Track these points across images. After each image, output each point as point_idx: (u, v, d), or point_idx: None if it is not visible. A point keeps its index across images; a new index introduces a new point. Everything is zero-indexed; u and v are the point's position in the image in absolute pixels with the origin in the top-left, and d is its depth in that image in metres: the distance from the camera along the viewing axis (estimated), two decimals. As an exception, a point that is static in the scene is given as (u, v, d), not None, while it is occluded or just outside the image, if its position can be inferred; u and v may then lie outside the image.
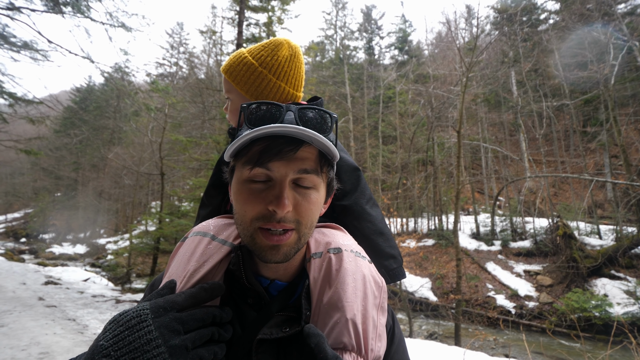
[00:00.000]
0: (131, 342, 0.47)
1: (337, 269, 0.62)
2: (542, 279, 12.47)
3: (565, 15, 18.94)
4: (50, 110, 9.93)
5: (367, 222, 1.01)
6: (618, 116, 13.86)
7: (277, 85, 1.07)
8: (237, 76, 1.07)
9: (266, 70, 1.05)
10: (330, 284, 0.61)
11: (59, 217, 35.09)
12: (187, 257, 0.64)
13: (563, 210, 15.39)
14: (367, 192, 1.06)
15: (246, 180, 0.60)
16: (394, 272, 1.00)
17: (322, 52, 32.05)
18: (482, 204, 21.25)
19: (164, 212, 13.05)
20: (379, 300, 0.63)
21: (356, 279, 0.62)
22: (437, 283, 13.93)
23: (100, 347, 0.47)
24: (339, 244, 0.67)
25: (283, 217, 0.57)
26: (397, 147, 22.63)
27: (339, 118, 4.19)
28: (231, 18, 14.04)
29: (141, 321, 0.48)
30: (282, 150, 0.58)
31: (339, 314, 0.57)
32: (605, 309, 9.57)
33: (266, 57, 1.06)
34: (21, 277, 10.56)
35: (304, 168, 0.59)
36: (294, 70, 1.09)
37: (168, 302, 0.52)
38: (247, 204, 0.59)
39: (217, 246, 0.65)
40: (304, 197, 0.60)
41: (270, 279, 0.65)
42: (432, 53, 31.27)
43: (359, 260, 0.66)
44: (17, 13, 7.25)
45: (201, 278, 0.59)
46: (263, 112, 0.61)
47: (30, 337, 5.28)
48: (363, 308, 0.59)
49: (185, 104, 16.45)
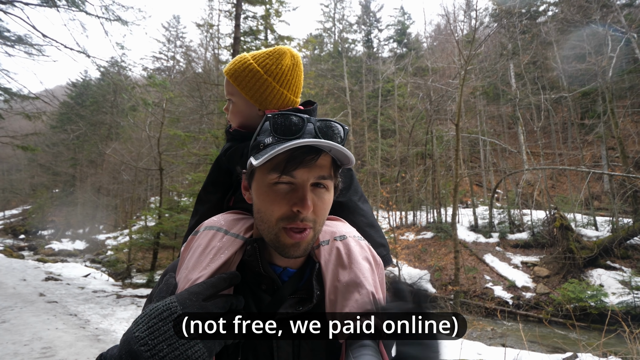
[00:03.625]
0: (165, 331, 0.52)
1: (346, 252, 0.72)
2: (539, 270, 12.60)
3: (564, 7, 18.82)
4: (46, 105, 9.85)
5: (361, 216, 1.10)
6: (615, 108, 13.87)
7: (280, 93, 1.13)
8: (243, 81, 1.12)
9: (271, 78, 1.11)
10: (343, 265, 0.70)
11: (58, 214, 35.00)
12: (202, 249, 0.70)
13: (560, 202, 15.49)
14: (359, 189, 1.16)
15: (272, 184, 0.67)
16: (384, 259, 1.08)
17: (320, 45, 31.78)
18: (480, 197, 21.33)
19: (163, 208, 13.06)
20: (380, 277, 0.74)
21: (364, 258, 0.73)
22: (436, 275, 14.06)
23: (136, 337, 0.52)
24: (343, 232, 0.78)
25: (305, 217, 0.65)
26: (396, 141, 22.63)
27: (337, 112, 4.19)
28: (228, 11, 13.89)
29: (172, 313, 0.54)
30: (305, 159, 0.65)
31: (359, 287, 0.67)
32: (601, 298, 9.69)
33: (271, 65, 1.12)
34: (21, 274, 10.58)
35: (322, 175, 0.67)
36: (295, 78, 1.17)
37: (192, 293, 0.58)
38: (274, 204, 0.66)
39: (230, 239, 0.72)
40: (319, 198, 0.68)
41: (283, 267, 0.72)
42: (431, 46, 31.10)
43: (362, 242, 0.78)
44: (10, 7, 7.16)
45: (218, 268, 0.66)
46: (289, 122, 0.67)
47: (32, 333, 5.32)
48: (374, 282, 0.70)
49: (182, 99, 16.36)
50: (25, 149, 9.38)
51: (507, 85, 20.94)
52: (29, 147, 9.50)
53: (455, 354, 4.40)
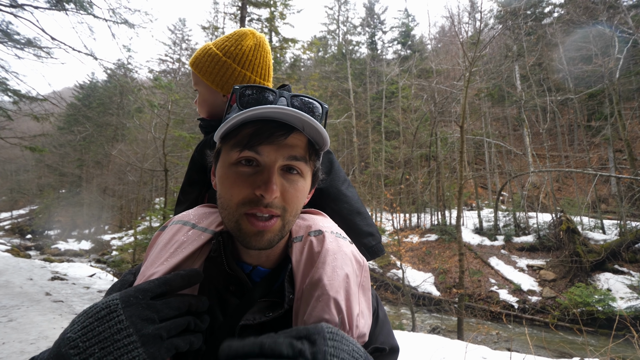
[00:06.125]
0: (100, 332, 0.44)
1: (318, 250, 0.62)
2: (545, 273, 12.47)
3: (569, 9, 18.70)
4: (54, 107, 9.98)
5: (344, 202, 1.01)
6: (623, 110, 13.73)
7: (243, 74, 1.07)
8: (203, 67, 1.08)
9: (230, 60, 1.06)
10: (312, 265, 0.60)
11: (64, 214, 35.34)
12: (164, 244, 0.62)
13: (566, 205, 15.33)
14: (342, 174, 1.06)
15: (233, 163, 0.59)
16: (373, 249, 1.02)
17: (324, 47, 31.86)
18: (485, 199, 21.19)
19: (168, 208, 13.13)
20: (360, 279, 0.63)
21: (337, 258, 0.61)
22: (440, 278, 13.97)
23: (67, 339, 0.45)
24: (320, 226, 0.67)
25: (270, 203, 0.56)
26: (400, 143, 22.56)
27: (341, 113, 4.15)
28: (233, 14, 13.97)
29: (111, 312, 0.46)
30: (273, 134, 0.57)
31: (319, 292, 0.56)
32: (609, 303, 9.56)
33: (230, 47, 1.07)
34: (28, 273, 10.68)
35: (293, 155, 0.59)
36: (259, 59, 1.10)
37: (139, 290, 0.49)
38: (233, 187, 0.58)
39: (196, 233, 0.63)
40: (291, 184, 0.59)
41: (253, 265, 0.63)
42: (435, 47, 31.04)
43: (340, 240, 0.66)
44: (20, 10, 7.27)
45: (177, 265, 0.57)
46: (256, 95, 0.60)
47: (38, 331, 5.37)
48: (346, 285, 0.58)
49: (188, 100, 16.47)
50: (33, 149, 9.50)
51: (512, 87, 20.82)
52: (36, 148, 9.62)
53: (460, 357, 4.37)
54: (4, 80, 8.82)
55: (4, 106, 9.34)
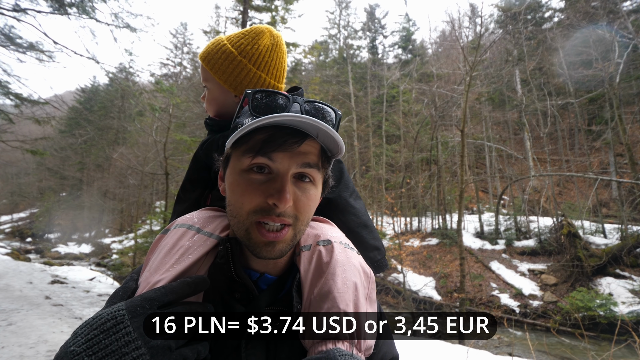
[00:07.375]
0: (107, 345, 0.42)
1: (327, 260, 0.61)
2: (547, 278, 12.41)
3: (569, 13, 18.79)
4: (55, 110, 10.02)
5: (352, 215, 0.98)
6: (623, 114, 13.76)
7: (257, 76, 1.02)
8: (215, 64, 1.01)
9: (246, 60, 1.00)
10: (321, 275, 0.60)
11: (64, 217, 35.37)
12: (168, 249, 0.60)
13: (568, 209, 15.29)
14: (350, 185, 1.03)
15: (245, 170, 0.57)
16: (378, 264, 1.00)
17: (325, 51, 32.00)
18: (486, 203, 21.16)
19: (168, 212, 13.12)
20: (367, 291, 0.63)
21: (346, 269, 0.61)
22: (441, 282, 13.91)
23: (70, 353, 0.42)
24: (328, 236, 0.66)
25: (283, 212, 0.55)
26: (400, 147, 22.57)
27: (342, 117, 4.23)
28: (235, 18, 14.06)
29: (117, 323, 0.44)
30: (287, 141, 0.55)
31: (329, 304, 0.56)
32: (610, 308, 9.50)
33: (246, 45, 1.00)
34: (28, 277, 10.65)
35: (307, 162, 0.57)
36: (275, 60, 1.04)
37: (145, 299, 0.48)
38: (244, 195, 0.56)
39: (202, 239, 0.61)
40: (303, 192, 0.58)
41: (260, 272, 0.62)
42: (436, 52, 31.14)
43: (348, 251, 0.65)
44: (23, 14, 7.33)
45: (183, 272, 0.55)
46: (269, 100, 0.59)
47: (38, 335, 5.34)
48: (355, 298, 0.58)
49: (189, 104, 16.52)
50: (34, 153, 9.52)
51: (512, 91, 20.87)
52: (38, 151, 9.64)
53: (461, 362, 4.34)
54: (6, 83, 8.87)
55: (6, 109, 9.37)
